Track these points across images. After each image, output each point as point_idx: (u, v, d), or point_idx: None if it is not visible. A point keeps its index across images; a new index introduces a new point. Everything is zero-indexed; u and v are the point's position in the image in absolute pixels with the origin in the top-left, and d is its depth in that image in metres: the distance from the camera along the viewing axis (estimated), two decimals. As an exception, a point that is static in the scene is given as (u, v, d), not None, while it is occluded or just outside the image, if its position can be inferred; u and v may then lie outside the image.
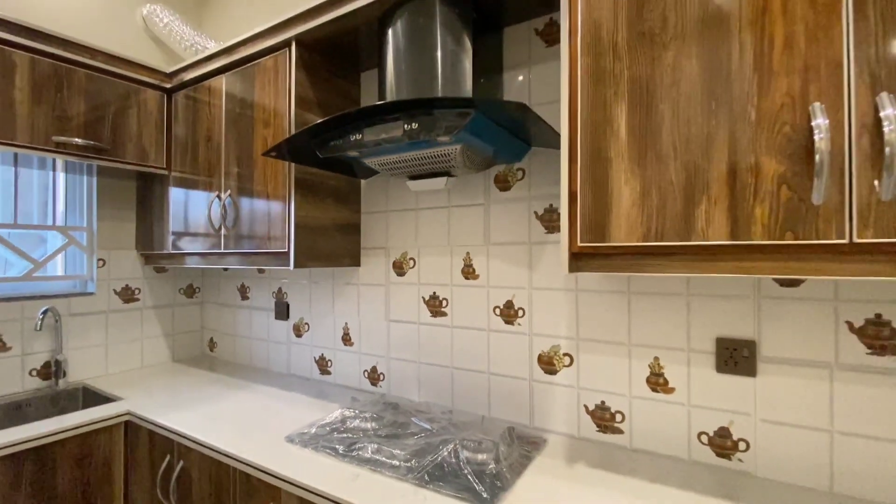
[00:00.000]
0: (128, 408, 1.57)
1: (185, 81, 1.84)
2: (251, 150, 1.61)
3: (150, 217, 2.05)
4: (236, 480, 1.25)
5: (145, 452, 1.53)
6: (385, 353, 1.70)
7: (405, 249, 1.65)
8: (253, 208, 1.60)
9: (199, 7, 2.43)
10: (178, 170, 1.89)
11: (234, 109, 1.67)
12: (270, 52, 1.55)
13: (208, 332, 2.36)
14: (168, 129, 1.92)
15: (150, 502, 1.51)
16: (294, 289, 1.99)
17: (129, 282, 2.09)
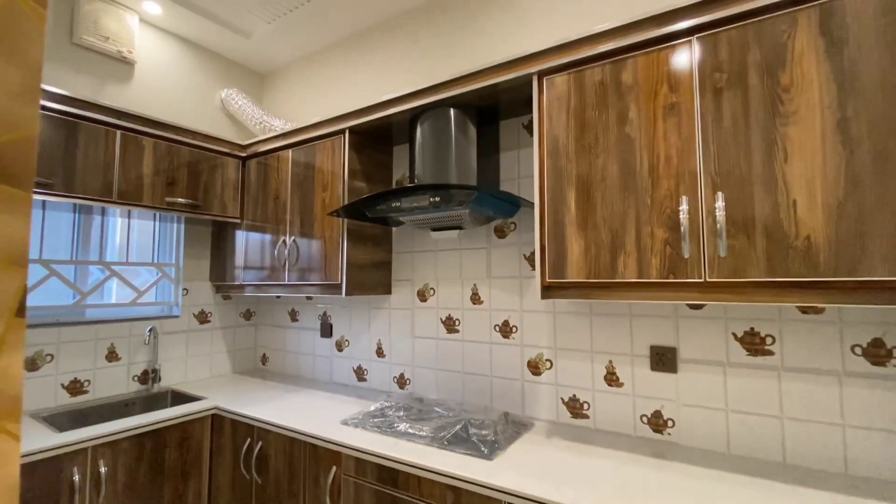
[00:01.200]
0: (214, 403, 2.06)
1: (257, 152, 2.41)
2: (312, 206, 2.14)
3: (222, 255, 2.59)
4: (306, 452, 1.72)
5: (228, 437, 2.00)
6: (410, 363, 2.17)
7: (427, 281, 2.14)
8: (311, 250, 2.12)
9: (259, 87, 3.04)
10: (249, 219, 2.44)
11: (299, 175, 2.22)
12: (329, 136, 2.11)
13: (261, 349, 2.86)
14: (242, 187, 2.47)
15: (232, 476, 1.97)
16: (336, 312, 2.49)
17: (204, 307, 2.61)
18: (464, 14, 2.13)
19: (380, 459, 1.48)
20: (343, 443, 1.58)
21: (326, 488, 1.63)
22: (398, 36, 2.36)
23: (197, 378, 2.56)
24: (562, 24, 1.84)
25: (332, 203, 2.05)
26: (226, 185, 2.41)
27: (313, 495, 1.68)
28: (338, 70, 2.63)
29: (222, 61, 2.80)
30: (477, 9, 2.08)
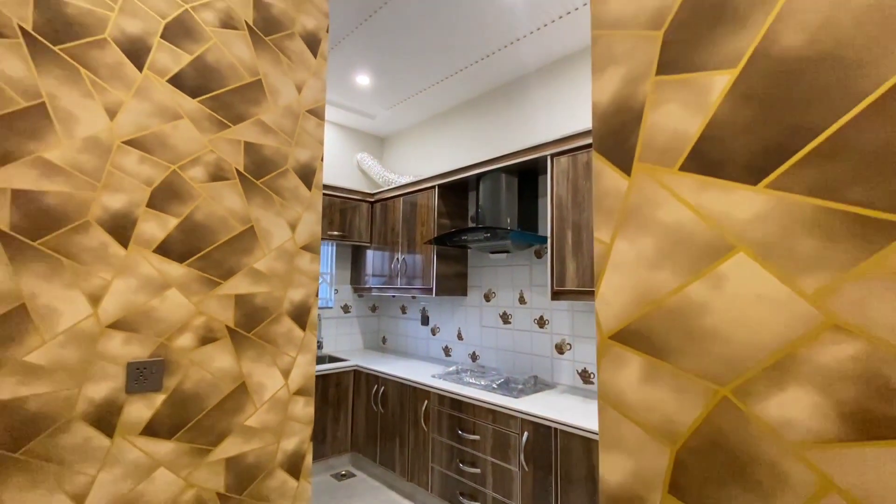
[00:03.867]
0: (355, 363, 3.23)
1: (381, 198, 3.57)
2: (415, 235, 3.21)
3: (358, 266, 3.81)
4: (410, 392, 2.76)
5: (363, 384, 3.15)
6: (479, 344, 3.11)
7: (490, 287, 3.06)
8: (414, 264, 3.18)
9: (380, 148, 4.26)
10: (375, 243, 3.61)
11: (406, 214, 3.31)
12: (425, 189, 3.16)
13: (382, 332, 4.03)
14: (371, 222, 3.66)
15: (365, 407, 3.11)
16: (431, 307, 3.53)
17: (347, 302, 3.86)
18: (515, 101, 3.02)
19: (452, 395, 2.45)
20: (432, 386, 2.58)
21: (421, 413, 2.65)
22: (469, 115, 3.34)
23: (343, 348, 3.81)
24: (576, 117, 2.64)
25: (427, 234, 3.09)
26: (361, 221, 3.61)
27: (413, 419, 2.71)
28: (432, 136, 3.69)
29: (357, 133, 4.06)
30: (523, 99, 2.96)
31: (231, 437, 1.33)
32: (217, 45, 1.38)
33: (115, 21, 1.20)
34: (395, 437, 2.85)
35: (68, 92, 1.12)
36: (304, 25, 1.60)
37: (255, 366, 1.39)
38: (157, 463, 1.20)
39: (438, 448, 2.52)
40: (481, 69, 2.92)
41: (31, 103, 1.07)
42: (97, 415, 1.12)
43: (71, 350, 1.09)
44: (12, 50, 1.05)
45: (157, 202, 1.22)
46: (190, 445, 1.25)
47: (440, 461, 2.50)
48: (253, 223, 1.41)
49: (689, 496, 0.48)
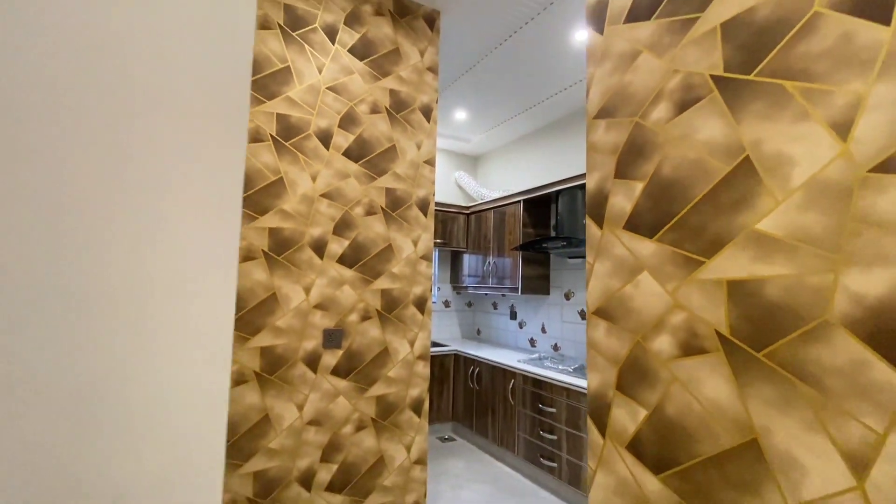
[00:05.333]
0: (455, 349, 3.90)
1: (475, 210, 4.20)
2: (504, 242, 3.78)
3: (456, 268, 4.49)
4: (500, 373, 3.34)
5: (461, 366, 3.81)
6: (561, 337, 3.57)
7: (570, 287, 3.51)
8: (504, 267, 3.75)
9: (474, 166, 4.90)
10: (470, 248, 4.25)
11: (497, 223, 3.89)
12: (512, 203, 3.71)
13: (476, 325, 4.67)
14: (467, 230, 4.31)
15: (464, 386, 3.76)
16: (519, 304, 4.07)
17: (447, 298, 4.57)
18: (593, 122, 3.42)
19: (533, 375, 2.98)
20: (518, 368, 3.14)
21: (509, 390, 3.21)
22: (550, 136, 3.80)
23: (444, 336, 4.52)
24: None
25: (514, 241, 3.64)
26: (458, 230, 4.29)
27: (503, 395, 3.29)
28: (518, 155, 4.22)
29: (455, 155, 4.75)
30: (601, 119, 3.36)
31: (378, 383, 2.05)
32: (368, 126, 2.11)
33: (314, 121, 1.98)
34: (487, 409, 3.45)
35: (294, 168, 1.91)
36: (422, 101, 2.27)
37: (393, 337, 2.10)
38: (338, 392, 1.95)
39: (523, 419, 3.07)
40: (562, 98, 3.39)
41: (276, 177, 1.87)
42: (308, 359, 1.90)
43: (296, 320, 1.88)
44: (267, 147, 1.86)
45: (338, 230, 1.98)
46: (356, 384, 1.99)
47: (524, 429, 3.04)
48: (391, 241, 2.11)
49: (623, 390, 0.99)
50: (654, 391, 0.93)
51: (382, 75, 2.16)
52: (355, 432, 1.98)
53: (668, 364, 0.90)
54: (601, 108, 1.10)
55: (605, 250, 1.08)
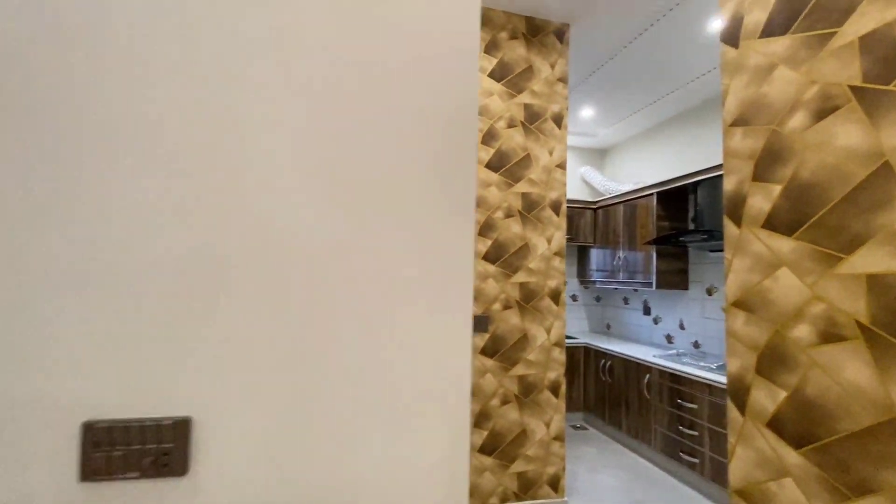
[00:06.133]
0: (584, 342, 3.99)
1: (602, 205, 4.22)
2: (635, 235, 3.75)
3: (583, 262, 4.55)
4: (634, 367, 3.36)
5: (592, 358, 3.89)
6: (702, 334, 3.43)
7: (712, 282, 3.35)
8: (634, 261, 3.72)
9: (601, 159, 4.87)
10: (598, 243, 4.27)
11: (626, 217, 3.87)
12: (643, 197, 3.66)
13: (606, 320, 4.66)
14: (594, 225, 4.34)
15: (595, 378, 3.84)
16: (652, 299, 3.98)
17: (575, 292, 4.66)
18: (737, 106, 3.21)
19: (671, 370, 2.96)
20: (653, 362, 3.14)
21: (644, 384, 3.22)
22: (681, 126, 3.63)
23: (572, 330, 4.62)
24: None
25: (646, 235, 3.59)
26: (585, 225, 4.34)
27: (637, 388, 3.31)
28: (648, 147, 4.10)
29: (580, 150, 4.79)
30: (746, 102, 3.13)
31: (520, 364, 2.33)
32: (506, 139, 2.39)
33: (461, 140, 2.33)
34: (620, 401, 3.49)
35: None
36: (553, 110, 2.47)
37: (531, 324, 2.35)
38: (486, 370, 2.27)
39: (659, 413, 3.06)
40: (696, 87, 3.25)
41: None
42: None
43: (450, 308, 2.26)
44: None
45: (482, 232, 2.30)
46: (500, 364, 2.29)
47: (661, 423, 3.04)
48: (527, 240, 2.37)
49: (763, 373, 1.09)
50: (794, 374, 1.02)
51: (517, 92, 2.42)
52: (501, 405, 2.29)
53: (807, 350, 0.99)
54: (737, 116, 1.20)
55: (743, 247, 1.18)
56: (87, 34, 0.66)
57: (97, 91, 0.65)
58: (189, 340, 0.66)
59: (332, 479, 0.70)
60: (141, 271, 0.65)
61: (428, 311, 0.74)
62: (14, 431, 0.62)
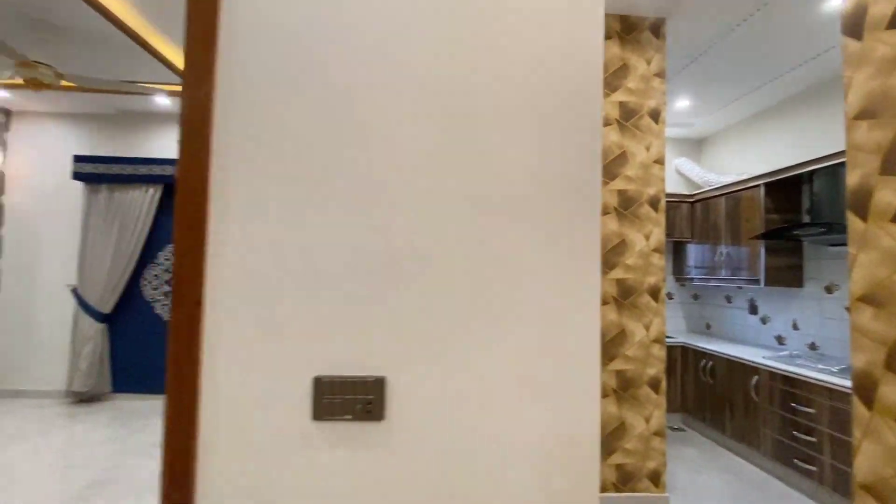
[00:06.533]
0: (682, 341, 3.86)
1: (700, 199, 4.02)
2: (739, 230, 3.54)
3: (679, 259, 4.37)
4: (739, 368, 3.20)
5: (691, 358, 3.75)
6: (819, 335, 3.16)
7: (831, 280, 3.07)
8: (738, 256, 3.52)
9: (697, 149, 4.62)
10: (696, 238, 4.09)
11: (729, 210, 3.66)
12: (749, 189, 3.45)
13: (705, 319, 4.44)
14: (692, 219, 4.16)
15: (694, 378, 3.70)
16: (760, 298, 3.73)
17: (670, 290, 4.49)
18: (862, 85, 2.91)
19: (784, 373, 2.79)
20: (763, 364, 2.97)
21: (751, 386, 3.06)
22: (793, 111, 3.34)
23: (668, 330, 4.45)
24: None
25: (752, 228, 3.39)
26: (681, 219, 4.17)
27: (743, 390, 3.15)
28: (752, 134, 3.83)
29: (675, 141, 4.59)
30: (874, 80, 2.84)
31: (618, 359, 2.38)
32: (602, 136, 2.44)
33: (556, 142, 2.43)
34: (723, 404, 3.34)
35: (542, 182, 2.41)
36: (649, 106, 2.47)
37: (629, 320, 2.39)
38: (583, 364, 2.36)
39: (769, 417, 2.90)
40: (808, 69, 3.00)
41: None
42: (558, 335, 2.37)
43: (548, 302, 2.38)
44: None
45: (578, 230, 2.39)
46: (597, 359, 2.36)
47: (772, 428, 2.88)
48: (623, 237, 2.40)
49: (893, 368, 1.08)
50: (928, 369, 1.01)
51: (612, 91, 2.46)
52: (599, 398, 2.35)
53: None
54: (862, 109, 1.19)
55: (869, 242, 1.17)
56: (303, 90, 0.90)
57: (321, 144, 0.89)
58: (381, 320, 0.88)
59: (486, 429, 0.88)
60: (351, 270, 0.88)
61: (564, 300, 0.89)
62: (271, 385, 0.88)
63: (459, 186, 0.89)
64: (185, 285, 0.87)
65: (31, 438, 3.29)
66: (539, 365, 0.89)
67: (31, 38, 2.82)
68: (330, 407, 0.87)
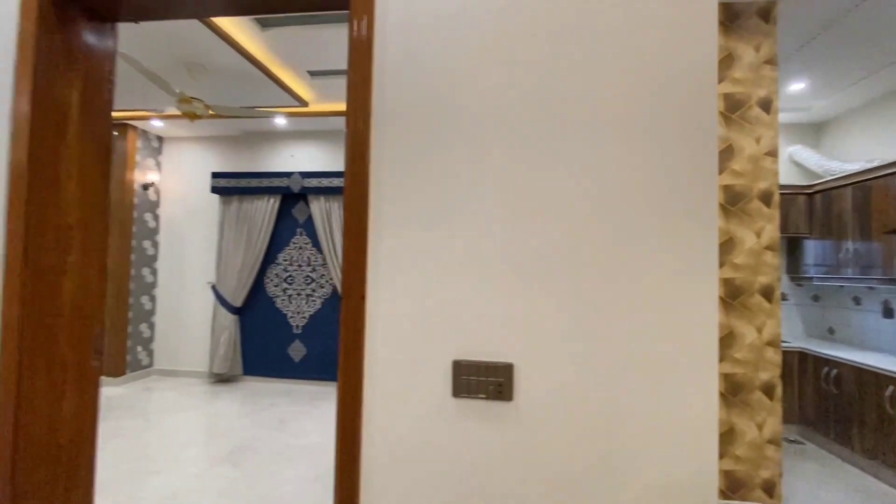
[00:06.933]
0: (799, 346, 3.53)
1: (819, 190, 3.64)
2: (868, 223, 3.16)
3: (794, 256, 3.98)
4: (871, 378, 2.87)
5: (810, 365, 3.42)
6: (981, 343, 2.73)
7: None
8: (869, 253, 3.14)
9: (815, 138, 4.17)
10: (815, 233, 3.70)
11: (856, 202, 3.28)
12: (883, 175, 3.06)
13: (827, 323, 4.00)
14: (810, 212, 3.77)
15: (814, 387, 3.37)
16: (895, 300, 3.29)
17: (784, 290, 4.11)
18: None
19: (930, 384, 2.47)
20: None
21: (886, 397, 2.74)
22: (960, 78, 2.89)
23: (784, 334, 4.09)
24: None
25: (887, 222, 3.01)
26: (797, 213, 3.80)
27: (876, 403, 2.82)
28: (882, 117, 3.38)
29: (788, 127, 4.19)
30: None
31: (725, 362, 2.29)
32: (704, 133, 2.37)
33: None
34: (850, 416, 3.02)
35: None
36: (759, 95, 2.34)
37: (738, 322, 2.29)
38: (686, 365, 2.31)
39: (912, 434, 2.58)
40: (968, 34, 2.61)
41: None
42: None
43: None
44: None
45: (679, 229, 2.34)
46: (702, 360, 2.30)
47: (915, 446, 2.56)
48: (731, 234, 2.31)
49: None
50: None
51: (715, 83, 2.37)
52: (704, 401, 2.29)
53: None
54: None
55: None
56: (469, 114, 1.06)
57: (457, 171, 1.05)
58: (511, 314, 1.02)
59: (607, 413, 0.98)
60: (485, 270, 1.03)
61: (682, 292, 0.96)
62: (418, 365, 1.06)
63: (584, 190, 1.00)
64: (352, 283, 1.08)
65: (186, 410, 3.96)
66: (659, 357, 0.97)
67: (186, 78, 3.41)
68: (467, 386, 1.03)
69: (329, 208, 4.60)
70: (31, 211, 1.25)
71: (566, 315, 1.00)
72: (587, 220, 1.01)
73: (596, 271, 1.00)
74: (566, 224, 1.01)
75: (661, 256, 0.98)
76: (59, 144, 1.34)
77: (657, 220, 0.98)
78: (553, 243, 1.01)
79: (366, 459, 1.06)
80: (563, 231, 1.01)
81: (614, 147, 1.00)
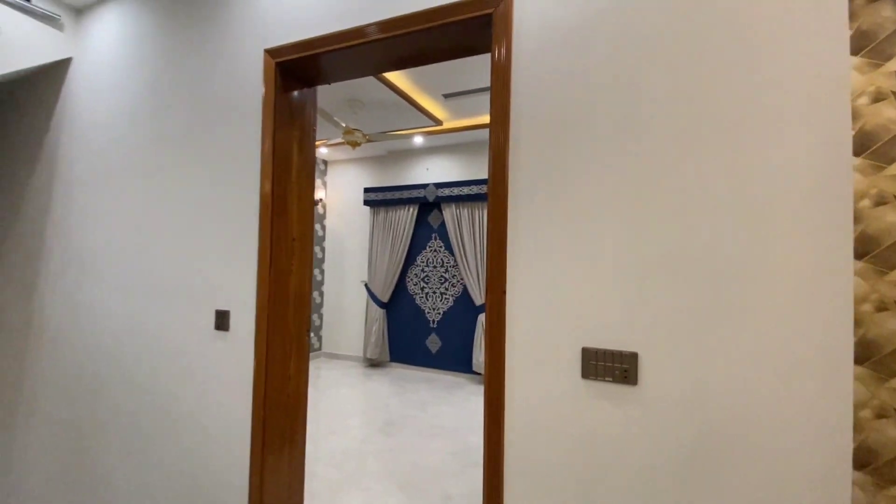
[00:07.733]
0: None
1: None
2: None
3: None
4: None
5: None
6: None
7: None
8: None
9: None
10: None
11: None
12: None
13: None
14: None
15: None
16: None
17: None
18: None
19: None
20: None
21: None
22: None
23: None
24: None
25: None
26: None
27: None
28: None
29: None
30: None
31: None
32: (870, 116, 2.11)
33: (806, 130, 2.22)
34: None
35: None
36: (951, 69, 2.00)
37: None
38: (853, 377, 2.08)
39: None
40: None
41: None
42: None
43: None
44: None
45: (840, 226, 2.12)
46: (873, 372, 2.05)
47: None
48: None
49: None
50: None
51: (884, 60, 2.09)
52: (875, 418, 2.05)
53: None
54: None
55: None
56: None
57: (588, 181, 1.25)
58: (638, 310, 1.18)
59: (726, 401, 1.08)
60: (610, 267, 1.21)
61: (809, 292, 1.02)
62: (551, 354, 1.28)
63: (722, 194, 1.12)
64: (495, 279, 1.35)
65: (346, 387, 4.74)
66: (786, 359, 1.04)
67: (348, 113, 4.14)
68: (594, 369, 1.22)
69: (459, 215, 5.03)
70: (273, 229, 1.81)
71: (694, 312, 1.12)
72: (724, 224, 1.11)
73: (722, 272, 1.11)
74: (693, 226, 1.13)
75: (796, 258, 1.05)
76: (286, 179, 1.89)
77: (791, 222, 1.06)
78: (680, 243, 1.14)
79: (508, 428, 1.32)
80: (690, 232, 1.13)
81: (758, 149, 1.10)
